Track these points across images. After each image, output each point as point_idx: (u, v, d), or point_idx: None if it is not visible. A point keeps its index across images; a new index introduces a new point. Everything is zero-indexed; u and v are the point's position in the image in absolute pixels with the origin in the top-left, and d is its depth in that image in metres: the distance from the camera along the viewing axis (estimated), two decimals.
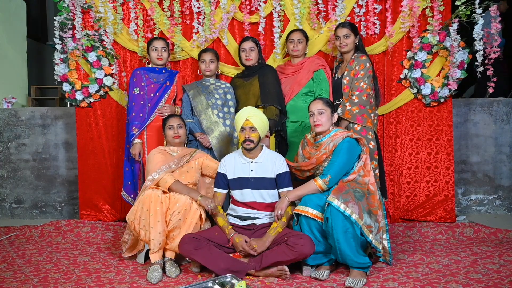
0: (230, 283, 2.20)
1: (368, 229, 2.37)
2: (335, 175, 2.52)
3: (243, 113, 2.65)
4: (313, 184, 2.54)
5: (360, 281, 2.30)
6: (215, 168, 2.85)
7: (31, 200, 4.13)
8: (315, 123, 2.61)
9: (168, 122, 2.89)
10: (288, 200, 2.57)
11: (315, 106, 2.63)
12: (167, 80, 3.28)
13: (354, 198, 2.37)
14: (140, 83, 3.23)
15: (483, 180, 3.89)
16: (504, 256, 2.69)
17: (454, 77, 3.26)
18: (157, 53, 3.25)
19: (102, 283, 2.43)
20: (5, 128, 4.14)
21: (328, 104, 2.64)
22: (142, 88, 3.22)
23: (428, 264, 2.61)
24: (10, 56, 5.30)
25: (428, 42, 3.28)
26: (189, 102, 3.23)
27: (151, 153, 2.85)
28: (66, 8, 3.48)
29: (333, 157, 2.54)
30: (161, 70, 3.29)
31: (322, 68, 3.18)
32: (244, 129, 2.60)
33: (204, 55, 3.26)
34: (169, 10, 3.51)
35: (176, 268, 2.56)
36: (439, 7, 3.26)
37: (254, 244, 2.47)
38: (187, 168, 2.86)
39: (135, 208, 2.58)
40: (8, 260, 2.89)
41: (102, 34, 3.54)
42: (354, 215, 2.32)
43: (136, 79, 3.23)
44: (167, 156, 2.82)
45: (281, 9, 3.44)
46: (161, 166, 2.74)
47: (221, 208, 2.71)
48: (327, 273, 2.42)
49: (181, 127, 2.88)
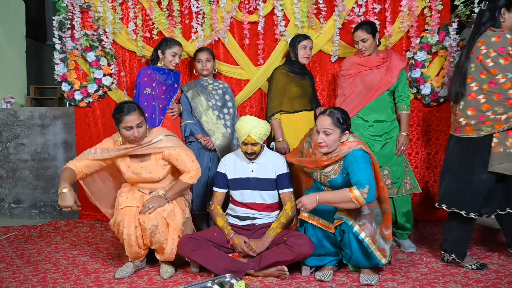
0: (229, 283, 2.19)
1: (382, 253, 2.32)
2: (372, 184, 2.19)
3: (244, 129, 2.55)
4: (347, 194, 2.18)
5: (374, 278, 2.34)
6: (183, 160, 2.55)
7: (30, 200, 4.13)
8: (319, 144, 2.37)
9: (123, 121, 2.40)
10: (318, 202, 2.29)
11: (322, 123, 2.35)
12: (174, 82, 3.26)
13: (373, 220, 2.32)
14: (151, 84, 3.15)
15: None
16: (503, 256, 2.70)
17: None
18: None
19: (101, 283, 2.43)
20: (4, 128, 4.14)
21: (338, 124, 2.33)
22: (153, 89, 3.16)
23: (427, 264, 2.61)
24: (9, 56, 5.30)
25: (428, 42, 3.28)
26: (187, 102, 3.22)
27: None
28: (65, 8, 3.48)
29: (353, 166, 2.26)
30: (169, 72, 3.23)
31: (404, 66, 3.04)
32: (247, 144, 2.59)
33: (200, 54, 3.24)
34: (167, 10, 3.51)
35: (171, 269, 2.54)
36: (437, 7, 3.26)
37: (253, 245, 2.48)
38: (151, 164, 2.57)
39: (113, 222, 2.53)
40: (7, 260, 2.88)
41: (101, 34, 3.54)
42: (368, 239, 2.26)
43: (147, 79, 3.12)
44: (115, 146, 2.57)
45: (281, 8, 3.43)
46: (98, 149, 2.57)
47: (220, 208, 2.71)
48: (331, 274, 2.43)
49: (141, 126, 2.46)
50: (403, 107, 3.00)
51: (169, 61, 3.15)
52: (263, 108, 3.56)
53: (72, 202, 2.31)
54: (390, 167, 2.92)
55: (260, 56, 3.50)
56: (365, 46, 2.94)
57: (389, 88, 2.95)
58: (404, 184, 2.96)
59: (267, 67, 3.47)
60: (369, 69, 2.98)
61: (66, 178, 2.42)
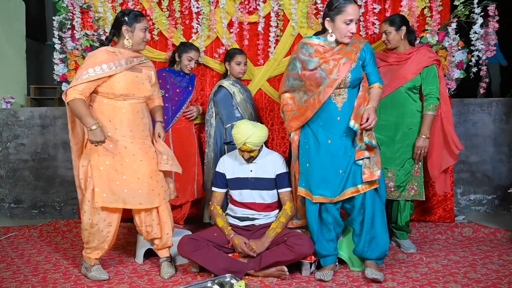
0: (230, 283, 2.19)
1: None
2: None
3: (240, 139, 2.52)
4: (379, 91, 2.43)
5: (381, 274, 2.36)
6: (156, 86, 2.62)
7: (30, 200, 4.13)
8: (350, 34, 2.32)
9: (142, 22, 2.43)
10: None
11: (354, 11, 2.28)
12: (189, 84, 3.27)
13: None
14: (166, 86, 3.16)
15: (482, 180, 3.89)
16: (503, 256, 2.70)
17: (452, 77, 3.26)
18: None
19: (101, 283, 2.43)
20: (4, 128, 4.14)
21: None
22: (167, 91, 3.17)
23: (427, 264, 2.61)
24: (9, 56, 5.30)
25: (427, 42, 3.28)
26: (229, 100, 3.12)
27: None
28: (65, 8, 3.48)
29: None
30: (184, 74, 3.24)
31: (435, 64, 2.84)
32: (244, 151, 2.58)
33: (239, 57, 3.17)
34: (168, 10, 3.51)
35: (171, 269, 2.54)
36: (437, 7, 3.26)
37: (253, 245, 2.48)
38: (142, 77, 2.48)
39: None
40: (7, 260, 2.89)
41: (101, 34, 3.54)
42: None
43: (162, 81, 3.12)
44: (113, 56, 2.38)
45: (280, 8, 3.43)
46: (103, 64, 2.33)
47: (220, 209, 2.70)
48: (331, 274, 2.43)
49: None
50: (426, 107, 2.80)
51: (184, 65, 3.18)
52: (263, 109, 3.57)
53: (104, 137, 2.30)
54: (395, 170, 2.85)
55: (260, 56, 3.50)
56: (388, 39, 2.89)
57: (403, 84, 2.82)
58: (408, 189, 2.87)
59: (267, 67, 3.48)
60: (389, 65, 2.92)
61: (88, 113, 2.31)
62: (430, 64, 2.81)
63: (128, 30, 2.42)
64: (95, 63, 2.33)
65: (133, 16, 2.42)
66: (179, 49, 3.21)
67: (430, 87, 2.79)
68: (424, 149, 2.79)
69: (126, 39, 2.43)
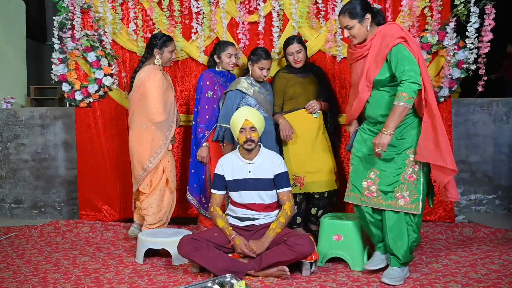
0: (230, 283, 2.20)
1: None
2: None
3: (241, 114, 2.61)
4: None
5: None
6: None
7: (30, 200, 4.13)
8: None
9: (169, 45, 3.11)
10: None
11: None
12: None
13: None
14: (214, 87, 3.17)
15: (482, 180, 3.89)
16: (503, 256, 2.69)
17: (453, 76, 3.26)
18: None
19: (101, 283, 2.43)
20: (4, 128, 4.14)
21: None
22: (215, 92, 3.18)
23: (428, 264, 2.61)
24: (9, 56, 5.30)
25: (428, 41, 3.28)
26: (235, 102, 3.09)
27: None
28: (65, 8, 3.47)
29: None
30: (228, 74, 3.27)
31: (401, 42, 2.27)
32: (244, 130, 2.57)
33: (266, 62, 3.09)
34: (168, 10, 3.51)
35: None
36: (438, 7, 3.26)
37: (253, 246, 2.47)
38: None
39: None
40: (7, 260, 2.89)
41: (101, 34, 3.54)
42: None
43: (210, 83, 3.16)
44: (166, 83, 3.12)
45: (280, 8, 3.43)
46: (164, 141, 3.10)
47: (219, 210, 2.70)
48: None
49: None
50: (396, 97, 2.23)
51: (226, 63, 3.19)
52: None
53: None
54: (379, 171, 2.38)
55: None
56: (351, 34, 2.39)
57: (372, 86, 2.39)
58: (395, 198, 2.34)
59: None
60: (356, 62, 2.47)
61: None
62: (394, 45, 2.27)
63: (158, 52, 3.04)
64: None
65: (163, 41, 3.06)
66: (216, 50, 3.21)
67: (399, 73, 2.23)
68: (382, 147, 2.23)
69: (156, 59, 3.04)
